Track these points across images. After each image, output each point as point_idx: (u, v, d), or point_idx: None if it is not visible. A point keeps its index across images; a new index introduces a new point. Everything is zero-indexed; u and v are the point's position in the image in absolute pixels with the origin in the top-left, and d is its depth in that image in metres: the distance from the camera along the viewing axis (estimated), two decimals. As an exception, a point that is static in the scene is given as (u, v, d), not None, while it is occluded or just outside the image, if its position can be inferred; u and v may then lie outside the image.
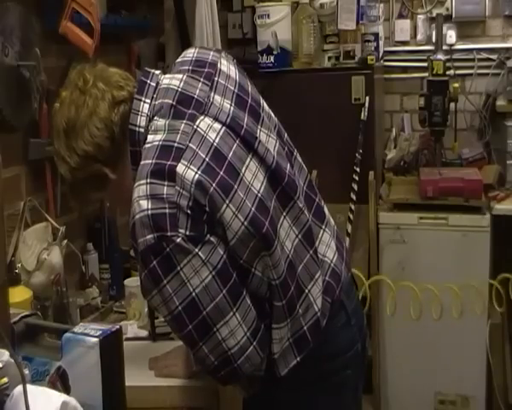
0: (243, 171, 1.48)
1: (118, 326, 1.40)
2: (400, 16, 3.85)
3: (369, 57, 3.29)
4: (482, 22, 3.71)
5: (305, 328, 1.55)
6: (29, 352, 1.41)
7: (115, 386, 1.37)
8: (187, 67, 1.59)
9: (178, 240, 1.37)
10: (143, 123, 1.51)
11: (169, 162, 1.40)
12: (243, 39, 3.86)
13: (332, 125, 3.22)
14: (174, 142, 1.43)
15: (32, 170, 2.18)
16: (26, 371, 1.28)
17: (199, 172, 1.40)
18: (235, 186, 1.44)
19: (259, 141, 1.54)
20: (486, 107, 3.66)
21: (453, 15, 3.67)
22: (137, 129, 1.51)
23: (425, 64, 3.54)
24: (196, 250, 1.38)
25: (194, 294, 1.40)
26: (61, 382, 1.36)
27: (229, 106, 1.54)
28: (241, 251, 1.45)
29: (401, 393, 3.30)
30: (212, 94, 1.54)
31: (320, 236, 1.63)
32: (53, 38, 2.19)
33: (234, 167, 1.47)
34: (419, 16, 3.79)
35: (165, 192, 1.38)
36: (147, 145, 1.46)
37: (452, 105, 3.41)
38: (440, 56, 3.44)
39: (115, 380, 1.37)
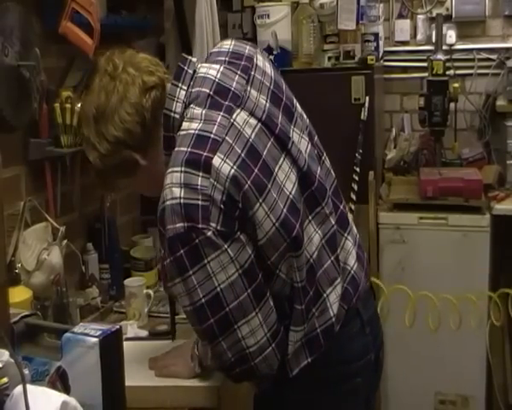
0: (276, 170, 1.47)
1: (118, 326, 1.41)
2: (400, 16, 3.85)
3: (368, 57, 3.29)
4: (482, 22, 3.71)
5: (319, 330, 1.54)
6: (29, 352, 1.41)
7: (115, 386, 1.37)
8: (223, 58, 1.57)
9: (209, 233, 1.36)
10: (179, 109, 1.49)
11: (205, 153, 1.39)
12: (243, 39, 3.85)
13: (332, 125, 3.21)
14: (211, 133, 1.42)
15: (31, 170, 2.18)
16: (26, 371, 1.28)
17: (234, 167, 1.40)
18: (269, 185, 1.44)
19: (292, 141, 1.54)
20: (486, 107, 3.66)
21: (453, 15, 3.67)
22: (172, 114, 1.50)
23: (425, 64, 3.54)
24: (226, 246, 1.38)
25: (218, 289, 1.40)
26: (60, 382, 1.36)
27: (264, 102, 1.53)
28: (269, 251, 1.45)
29: (401, 393, 3.30)
30: (249, 88, 1.53)
31: (342, 243, 1.63)
32: (53, 38, 2.19)
33: (268, 166, 1.46)
34: (419, 16, 3.78)
35: (199, 183, 1.37)
36: (182, 132, 1.45)
37: (452, 105, 3.41)
38: (440, 56, 3.44)
39: (115, 380, 1.38)
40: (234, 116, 1.46)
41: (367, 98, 3.21)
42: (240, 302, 1.42)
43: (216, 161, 1.39)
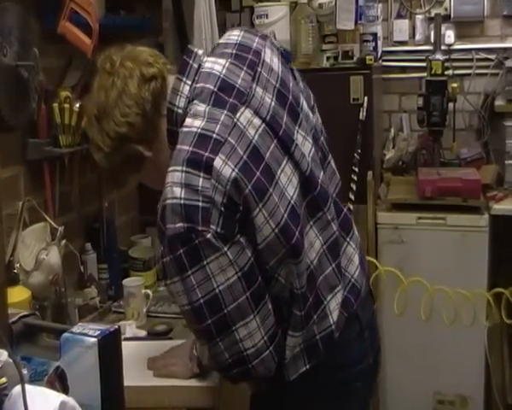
0: (278, 174, 1.45)
1: (116, 326, 1.41)
2: (399, 16, 3.85)
3: (367, 57, 3.28)
4: (481, 22, 3.71)
5: (318, 337, 1.53)
6: (27, 352, 1.41)
7: (114, 386, 1.37)
8: (230, 51, 1.55)
9: (208, 236, 1.36)
10: (182, 104, 1.48)
11: (206, 154, 1.38)
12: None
13: (330, 125, 3.21)
14: (213, 132, 1.41)
15: (30, 170, 2.18)
16: (25, 371, 1.28)
17: (236, 170, 1.38)
18: (270, 190, 1.42)
19: (296, 144, 1.51)
20: (485, 107, 3.66)
21: (452, 15, 3.67)
22: (176, 109, 1.48)
23: (423, 64, 3.54)
24: (225, 249, 1.37)
25: (217, 290, 1.39)
26: (59, 382, 1.36)
27: (269, 101, 1.51)
28: (268, 256, 1.44)
29: (400, 393, 3.30)
30: (254, 85, 1.50)
31: (344, 249, 1.62)
32: (51, 38, 2.19)
33: (270, 169, 1.44)
34: (417, 16, 3.78)
35: (200, 184, 1.36)
36: (184, 129, 1.44)
37: (451, 105, 3.41)
38: (439, 56, 3.44)
39: (114, 380, 1.37)
40: (238, 115, 1.44)
41: (365, 98, 3.21)
42: (238, 305, 1.41)
43: (217, 162, 1.38)
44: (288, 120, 1.52)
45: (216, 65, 1.51)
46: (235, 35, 1.59)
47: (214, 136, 1.41)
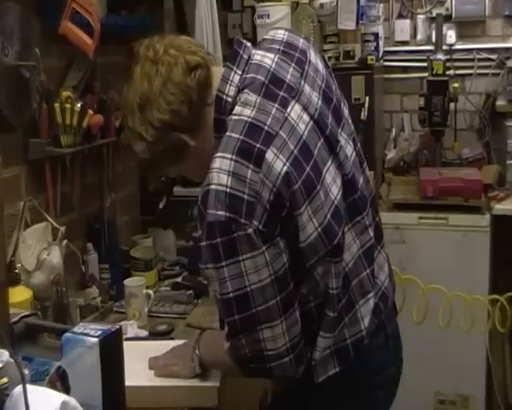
0: (324, 173, 1.44)
1: (118, 326, 1.40)
2: (400, 16, 3.85)
3: (368, 57, 3.29)
4: (482, 22, 3.71)
5: (349, 342, 1.52)
6: (29, 352, 1.41)
7: (115, 386, 1.37)
8: (277, 47, 1.53)
9: (249, 230, 1.34)
10: (232, 93, 1.46)
11: (258, 145, 1.36)
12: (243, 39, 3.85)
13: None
14: (265, 124, 1.39)
15: (31, 170, 2.18)
16: (26, 371, 1.28)
17: (287, 164, 1.37)
18: (318, 187, 1.41)
19: (341, 145, 1.50)
20: (486, 107, 3.66)
21: (453, 15, 3.67)
22: (225, 97, 1.46)
23: (425, 64, 3.55)
24: (263, 248, 1.36)
25: (249, 289, 1.38)
26: (60, 382, 1.36)
27: (316, 99, 1.50)
28: (309, 255, 1.43)
29: (401, 393, 3.28)
30: (303, 82, 1.49)
31: (375, 256, 1.61)
32: (53, 38, 2.19)
33: (318, 167, 1.43)
34: (419, 16, 3.79)
35: (248, 176, 1.34)
36: (234, 117, 1.42)
37: (452, 105, 3.41)
38: (440, 56, 3.44)
39: (115, 380, 1.37)
40: (288, 110, 1.43)
41: (367, 98, 3.21)
42: (267, 307, 1.40)
43: (269, 155, 1.36)
44: (333, 121, 1.52)
45: (266, 58, 1.50)
46: (280, 33, 1.58)
47: (266, 128, 1.39)
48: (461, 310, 3.04)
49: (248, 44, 1.54)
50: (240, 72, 1.48)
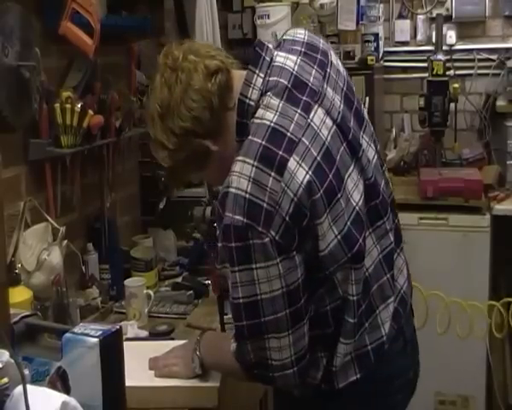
0: (346, 179, 1.42)
1: (118, 326, 1.40)
2: (400, 16, 3.85)
3: (368, 58, 3.29)
4: (482, 22, 3.71)
5: (369, 348, 1.51)
6: (29, 352, 1.41)
7: (115, 386, 1.37)
8: (299, 48, 1.51)
9: (266, 240, 1.33)
10: (255, 96, 1.44)
11: (280, 153, 1.35)
12: (243, 40, 3.86)
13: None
14: (287, 130, 1.38)
15: (32, 170, 2.18)
16: (26, 372, 1.28)
17: (310, 173, 1.35)
18: (339, 194, 1.39)
19: (363, 149, 1.49)
20: (486, 107, 3.66)
21: (453, 16, 3.68)
22: (247, 101, 1.44)
23: (425, 64, 3.55)
24: (278, 260, 1.34)
25: (259, 297, 1.37)
26: (61, 382, 1.36)
27: (339, 103, 1.48)
28: (329, 263, 1.41)
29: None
30: (325, 85, 1.47)
31: (395, 260, 1.59)
32: (53, 39, 2.19)
33: (340, 173, 1.41)
34: (419, 16, 3.79)
35: (269, 185, 1.33)
36: (256, 120, 1.41)
37: (452, 105, 3.41)
38: (440, 57, 3.45)
39: (115, 380, 1.37)
40: (311, 115, 1.41)
41: (367, 98, 3.21)
42: (276, 318, 1.39)
43: (291, 163, 1.34)
44: (355, 124, 1.50)
45: (288, 60, 1.48)
46: (300, 33, 1.56)
47: (288, 134, 1.38)
48: (459, 316, 3.03)
49: (270, 46, 1.52)
50: (262, 74, 1.46)
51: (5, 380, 1.20)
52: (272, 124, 1.39)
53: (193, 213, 2.40)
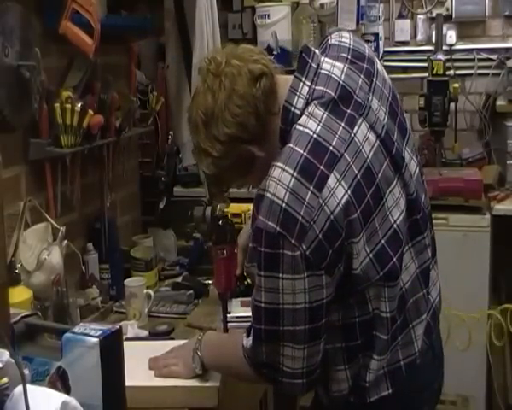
0: (386, 195, 1.40)
1: (118, 326, 1.40)
2: (400, 16, 3.85)
3: (369, 57, 3.28)
4: (482, 22, 3.71)
5: (402, 363, 1.50)
6: (29, 352, 1.41)
7: (115, 386, 1.37)
8: (346, 55, 1.48)
9: (297, 253, 1.30)
10: (300, 105, 1.41)
11: (321, 167, 1.32)
12: (243, 39, 3.86)
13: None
14: (330, 144, 1.35)
15: (32, 170, 2.18)
16: (26, 372, 1.28)
17: (349, 192, 1.33)
18: (374, 214, 1.37)
19: (406, 164, 1.46)
20: (486, 107, 3.66)
21: (453, 15, 3.67)
22: (293, 109, 1.41)
23: (425, 64, 3.54)
24: (305, 275, 1.32)
25: (281, 306, 1.36)
26: (61, 382, 1.36)
27: (384, 115, 1.45)
28: (362, 281, 1.39)
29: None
30: (371, 97, 1.44)
31: (431, 274, 1.58)
32: (53, 38, 2.19)
33: (379, 190, 1.39)
34: (419, 16, 3.79)
35: (307, 199, 1.31)
36: (299, 127, 1.38)
37: (452, 105, 3.41)
38: (440, 56, 3.44)
39: (115, 380, 1.37)
40: (355, 129, 1.39)
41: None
42: (294, 330, 1.38)
43: (332, 180, 1.32)
44: (399, 136, 1.47)
45: (335, 68, 1.45)
46: (346, 38, 1.53)
47: (331, 148, 1.35)
48: (462, 310, 3.04)
49: (317, 51, 1.49)
50: (309, 82, 1.43)
51: (5, 380, 1.19)
52: (315, 135, 1.36)
53: (193, 213, 2.40)
